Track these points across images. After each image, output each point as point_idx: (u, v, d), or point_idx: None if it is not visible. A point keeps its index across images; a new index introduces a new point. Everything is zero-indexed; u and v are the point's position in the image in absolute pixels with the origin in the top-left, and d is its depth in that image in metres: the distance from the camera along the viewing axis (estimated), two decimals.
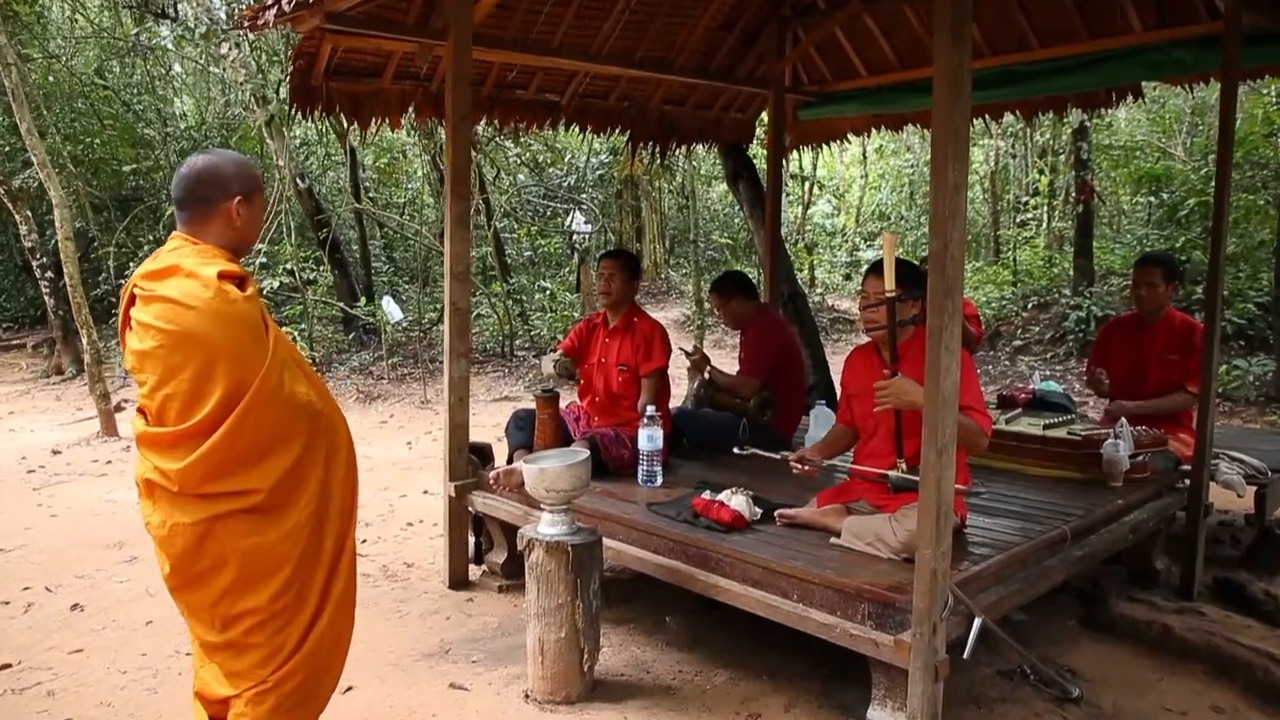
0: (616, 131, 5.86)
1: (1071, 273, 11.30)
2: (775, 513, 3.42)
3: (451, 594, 4.33)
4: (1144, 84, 5.20)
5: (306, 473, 2.34)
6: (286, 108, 4.52)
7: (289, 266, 10.36)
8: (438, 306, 12.65)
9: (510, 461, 4.43)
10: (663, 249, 18.64)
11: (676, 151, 6.47)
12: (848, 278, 16.62)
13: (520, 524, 3.91)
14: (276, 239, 10.78)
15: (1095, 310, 10.06)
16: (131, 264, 12.81)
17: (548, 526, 3.25)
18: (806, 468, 3.46)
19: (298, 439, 2.30)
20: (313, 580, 2.39)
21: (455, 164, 4.13)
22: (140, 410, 2.30)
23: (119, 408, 9.56)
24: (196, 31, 8.66)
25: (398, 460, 7.12)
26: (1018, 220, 15.14)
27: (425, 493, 6.07)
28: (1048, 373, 9.42)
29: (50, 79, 14.41)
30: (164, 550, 2.29)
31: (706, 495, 3.54)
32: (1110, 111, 11.94)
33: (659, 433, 4.01)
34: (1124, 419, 4.07)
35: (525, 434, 4.38)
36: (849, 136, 6.75)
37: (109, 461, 7.12)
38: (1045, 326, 10.65)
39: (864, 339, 3.45)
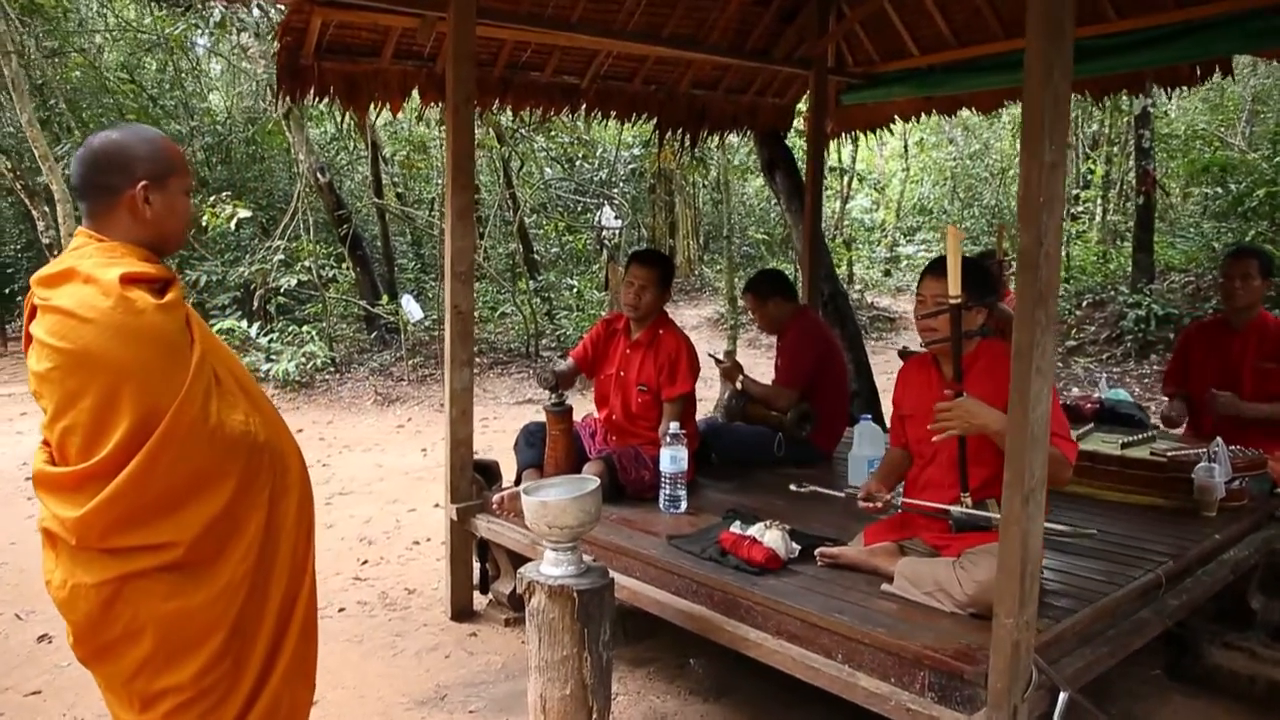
0: (643, 118, 5.39)
1: (1129, 269, 10.66)
2: (816, 551, 2.95)
3: (453, 626, 3.92)
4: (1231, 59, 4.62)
5: (242, 520, 1.93)
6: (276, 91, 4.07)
7: (307, 264, 10.02)
8: None
9: (518, 482, 4.01)
10: (696, 245, 18.15)
11: (708, 141, 6.00)
12: (887, 274, 16.04)
13: (529, 553, 3.50)
14: (295, 236, 10.46)
15: (1156, 309, 9.43)
16: None
17: (551, 566, 2.81)
18: (878, 505, 2.96)
19: (229, 479, 1.89)
20: (253, 648, 1.97)
21: (457, 152, 3.71)
22: (44, 443, 1.89)
23: None
24: (210, 19, 8.33)
25: (410, 469, 6.73)
26: (1069, 213, 14.44)
27: (436, 506, 5.65)
28: (1102, 375, 8.84)
29: (77, 74, 14.27)
30: (65, 615, 1.88)
31: (736, 528, 3.09)
32: (1166, 99, 11.27)
33: (683, 453, 3.56)
34: (1219, 439, 3.54)
35: (535, 451, 3.94)
36: (893, 125, 6.22)
37: None
38: (1101, 326, 10.03)
39: (907, 337, 2.95)
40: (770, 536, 2.96)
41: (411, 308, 9.47)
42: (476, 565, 4.12)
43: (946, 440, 2.66)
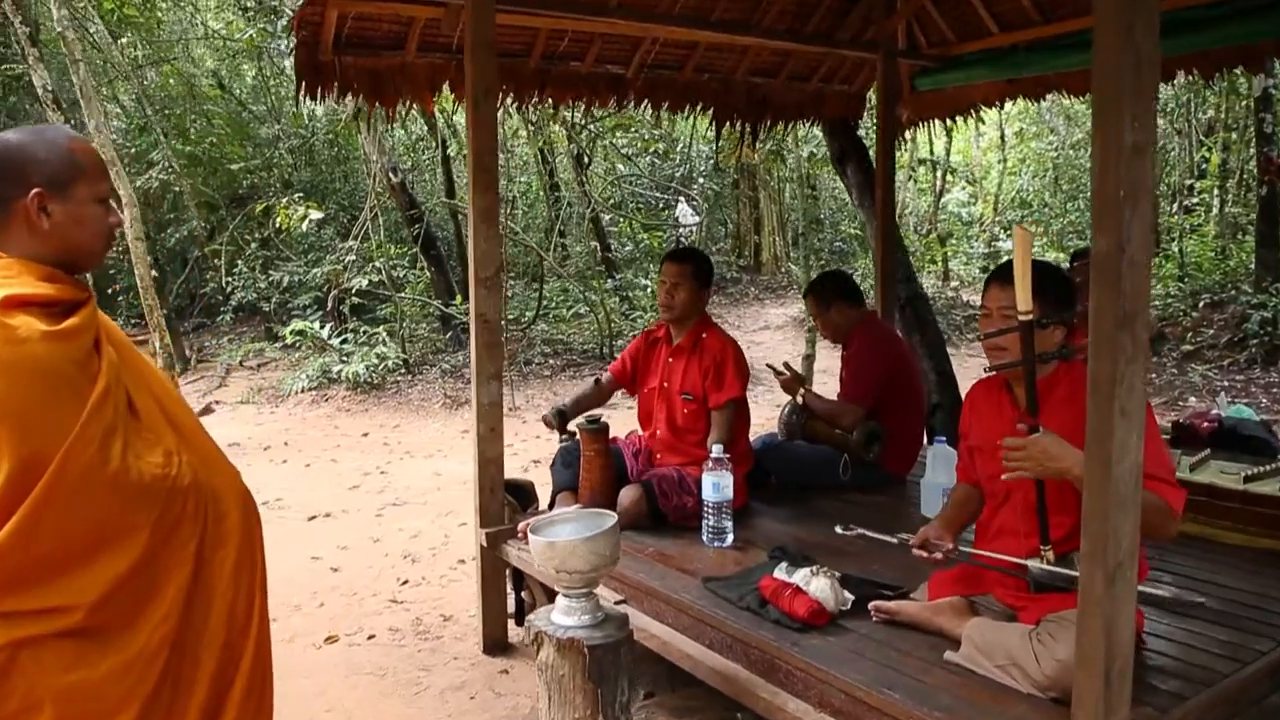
0: (697, 109, 5.01)
1: (1252, 265, 9.74)
2: (870, 605, 2.54)
3: (485, 661, 3.64)
4: None
5: (160, 577, 1.66)
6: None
7: (378, 264, 9.95)
8: (543, 303, 12.12)
9: (551, 506, 3.70)
10: (782, 241, 17.59)
11: (773, 132, 5.59)
12: (985, 270, 15.22)
13: None
14: (367, 237, 10.42)
15: None
16: (239, 262, 12.82)
17: (562, 615, 2.48)
18: (936, 557, 2.49)
19: (138, 533, 1.62)
20: None
21: (478, 149, 3.41)
22: None
23: (208, 409, 9.40)
24: (279, 23, 8.28)
25: (468, 478, 6.43)
26: (1182, 206, 13.42)
27: None
28: (1223, 384, 8.06)
29: (171, 81, 14.65)
30: None
31: (781, 572, 2.70)
32: None
33: (728, 480, 3.18)
34: None
35: (571, 473, 3.63)
36: (981, 113, 5.69)
37: None
38: (1220, 329, 9.17)
39: None
40: (816, 585, 2.56)
41: None
42: (511, 594, 3.84)
43: (1021, 481, 2.23)
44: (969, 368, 7.56)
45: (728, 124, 5.22)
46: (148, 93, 14.24)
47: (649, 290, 12.15)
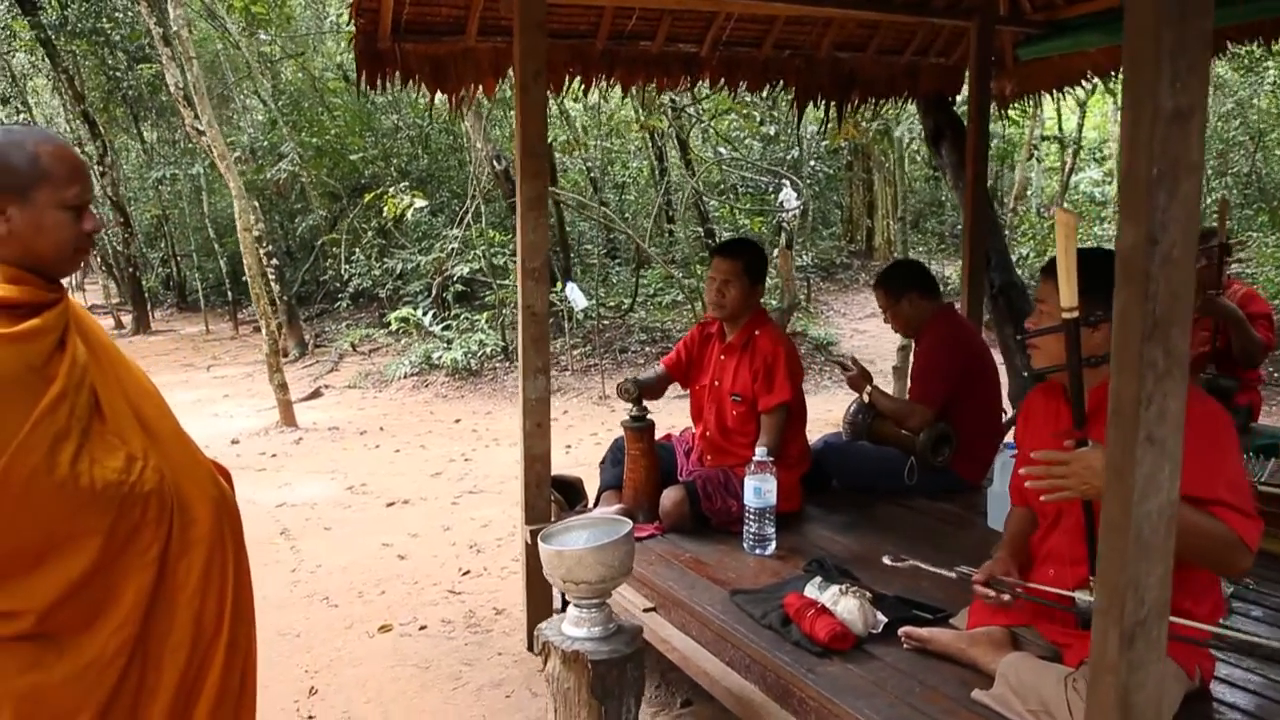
0: (779, 87, 4.78)
1: None
2: (901, 631, 2.32)
3: (527, 659, 3.57)
4: None
5: (118, 583, 1.65)
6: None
7: (479, 252, 10.06)
8: (645, 290, 12.02)
9: (596, 503, 3.59)
10: (896, 225, 16.96)
11: (860, 110, 5.29)
12: None
13: None
14: (471, 224, 10.55)
15: None
16: (357, 251, 13.22)
17: (572, 625, 2.37)
18: (1004, 596, 2.09)
19: (91, 538, 1.61)
20: None
21: (526, 134, 3.31)
22: None
23: (317, 394, 9.72)
24: None
25: None
26: None
27: None
28: None
29: (300, 75, 15.23)
30: None
31: (812, 589, 2.50)
32: None
33: (772, 484, 3.00)
34: None
35: (619, 470, 3.51)
36: (1096, 82, 5.22)
37: (274, 455, 7.01)
38: None
39: None
40: (844, 605, 2.36)
41: (576, 295, 9.25)
42: (557, 593, 3.75)
43: (1072, 502, 1.97)
44: None
45: (811, 104, 4.96)
46: (279, 87, 14.85)
47: None
